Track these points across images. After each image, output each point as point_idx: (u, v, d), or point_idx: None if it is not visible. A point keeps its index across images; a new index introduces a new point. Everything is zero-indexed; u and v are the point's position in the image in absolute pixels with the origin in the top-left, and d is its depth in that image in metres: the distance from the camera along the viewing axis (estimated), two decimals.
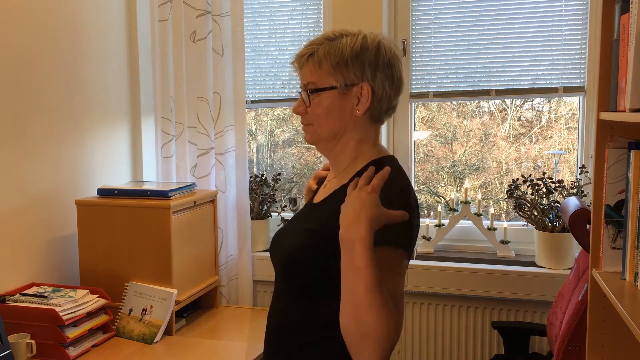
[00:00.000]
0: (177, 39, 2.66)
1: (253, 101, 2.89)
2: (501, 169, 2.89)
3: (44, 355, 1.93)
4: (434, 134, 2.93)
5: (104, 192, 2.33)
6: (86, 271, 2.30)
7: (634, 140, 1.34)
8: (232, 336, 2.31)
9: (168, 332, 2.19)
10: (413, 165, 2.76)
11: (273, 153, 3.22)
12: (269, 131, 3.22)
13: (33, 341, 1.91)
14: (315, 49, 1.26)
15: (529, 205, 2.45)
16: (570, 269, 2.31)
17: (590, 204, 1.58)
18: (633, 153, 1.29)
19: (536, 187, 2.44)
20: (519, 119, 2.86)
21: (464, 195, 2.61)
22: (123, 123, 2.77)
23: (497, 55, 2.54)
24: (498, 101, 2.81)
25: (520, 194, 2.47)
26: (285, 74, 2.84)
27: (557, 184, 2.43)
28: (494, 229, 2.57)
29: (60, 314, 1.93)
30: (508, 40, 2.52)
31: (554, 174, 2.73)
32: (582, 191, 2.40)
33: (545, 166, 2.78)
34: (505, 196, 2.53)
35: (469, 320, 2.51)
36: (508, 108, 2.86)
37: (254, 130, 3.20)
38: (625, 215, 1.33)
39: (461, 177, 2.89)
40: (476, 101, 2.81)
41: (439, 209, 2.67)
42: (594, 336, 1.51)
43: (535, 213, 2.44)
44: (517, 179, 2.50)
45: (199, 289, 2.40)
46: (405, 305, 2.55)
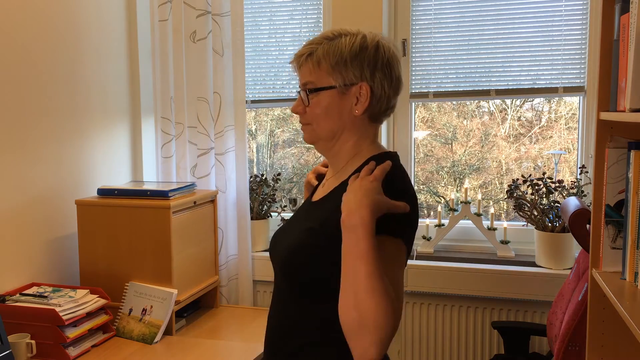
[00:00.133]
0: (177, 39, 2.66)
1: (253, 101, 2.89)
2: (501, 169, 2.89)
3: (44, 355, 1.93)
4: (433, 134, 2.93)
5: (104, 192, 2.33)
6: (86, 271, 2.30)
7: (634, 140, 1.34)
8: (232, 336, 2.31)
9: (168, 332, 2.19)
10: (413, 165, 2.76)
11: (273, 153, 3.22)
12: (269, 131, 3.21)
13: (33, 341, 1.91)
14: (314, 49, 1.26)
15: (529, 205, 2.45)
16: (570, 269, 2.31)
17: (590, 204, 1.58)
18: (633, 153, 1.29)
19: (536, 187, 2.44)
20: (519, 119, 2.86)
21: (464, 195, 2.61)
22: (123, 123, 2.77)
23: (497, 55, 2.54)
24: (498, 101, 2.81)
25: (520, 194, 2.47)
26: (285, 74, 2.84)
27: (557, 184, 2.43)
28: (494, 229, 2.57)
29: (60, 314, 1.93)
30: (508, 40, 2.52)
31: (554, 174, 2.73)
32: (582, 191, 2.40)
33: (545, 166, 2.78)
34: (505, 196, 2.53)
35: (469, 320, 2.51)
36: (508, 108, 2.85)
37: (254, 130, 3.20)
38: (625, 215, 1.33)
39: (461, 177, 2.89)
40: (476, 101, 2.81)
41: (439, 209, 2.67)
42: (594, 336, 1.51)
43: (535, 213, 2.44)
44: (517, 179, 2.50)
45: (199, 289, 2.40)
46: (404, 302, 2.54)
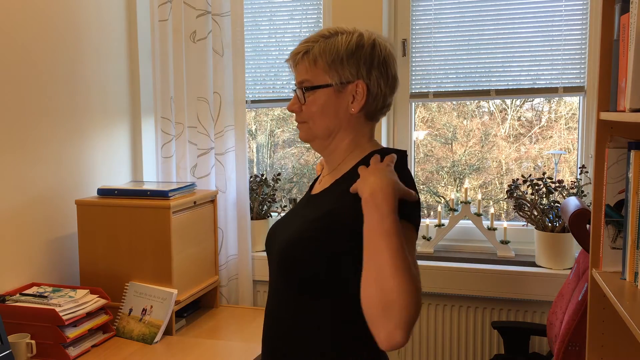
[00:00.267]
0: (177, 39, 2.66)
1: (253, 101, 2.89)
2: (501, 169, 2.89)
3: (44, 355, 1.93)
4: (433, 134, 2.93)
5: (104, 192, 2.33)
6: (86, 271, 2.30)
7: (634, 140, 1.34)
8: (232, 336, 2.31)
9: (168, 332, 2.19)
10: (413, 165, 2.76)
11: (273, 153, 3.22)
12: (269, 131, 3.22)
13: (33, 341, 1.91)
14: (311, 47, 1.25)
15: (529, 205, 2.45)
16: (570, 269, 2.31)
17: (590, 204, 1.58)
18: (633, 153, 1.29)
19: (536, 187, 2.44)
20: (519, 119, 2.86)
21: (464, 195, 2.61)
22: (123, 123, 2.77)
23: (497, 55, 2.54)
24: (498, 101, 2.81)
25: (520, 194, 2.47)
26: (286, 74, 2.84)
27: (557, 184, 2.43)
28: (494, 229, 2.57)
29: (60, 314, 1.93)
30: (508, 40, 2.52)
31: (554, 174, 2.73)
32: (582, 191, 2.40)
33: (545, 166, 2.78)
34: (505, 196, 2.53)
35: (469, 320, 2.51)
36: (508, 108, 2.85)
37: (254, 130, 3.20)
38: (625, 215, 1.33)
39: (461, 177, 2.89)
40: (476, 101, 2.81)
41: (439, 209, 2.67)
42: (594, 336, 1.51)
43: (535, 213, 2.44)
44: (517, 179, 2.50)
45: (199, 289, 2.40)
46: None
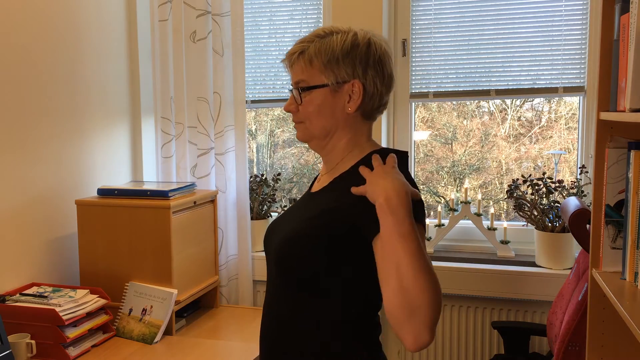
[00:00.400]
0: (177, 39, 2.66)
1: (253, 101, 2.89)
2: (501, 169, 2.89)
3: (44, 355, 1.93)
4: (434, 134, 2.93)
5: (104, 192, 2.33)
6: (86, 271, 2.30)
7: (634, 140, 1.34)
8: (232, 336, 2.31)
9: (168, 332, 2.19)
10: (413, 165, 2.76)
11: (273, 153, 3.22)
12: (269, 131, 3.22)
13: (33, 341, 1.90)
14: (306, 47, 1.25)
15: (529, 205, 2.45)
16: (570, 269, 2.31)
17: (590, 204, 1.58)
18: (633, 153, 1.29)
19: (536, 187, 2.44)
20: (519, 119, 2.86)
21: (464, 195, 2.61)
22: (123, 123, 2.77)
23: (497, 55, 2.54)
24: (498, 101, 2.81)
25: (520, 194, 2.47)
26: (286, 73, 2.81)
27: (557, 184, 2.43)
28: (494, 229, 2.57)
29: (60, 314, 1.93)
30: (508, 40, 2.52)
31: (554, 174, 2.73)
32: (582, 191, 2.40)
33: (545, 166, 2.78)
34: (505, 196, 2.53)
35: (469, 320, 2.51)
36: (508, 108, 2.85)
37: (254, 130, 3.20)
38: (625, 215, 1.33)
39: (461, 177, 2.89)
40: (476, 101, 2.81)
41: (439, 209, 2.67)
42: (594, 336, 1.51)
43: (535, 213, 2.43)
44: (517, 179, 2.50)
45: (199, 289, 2.40)
46: None
